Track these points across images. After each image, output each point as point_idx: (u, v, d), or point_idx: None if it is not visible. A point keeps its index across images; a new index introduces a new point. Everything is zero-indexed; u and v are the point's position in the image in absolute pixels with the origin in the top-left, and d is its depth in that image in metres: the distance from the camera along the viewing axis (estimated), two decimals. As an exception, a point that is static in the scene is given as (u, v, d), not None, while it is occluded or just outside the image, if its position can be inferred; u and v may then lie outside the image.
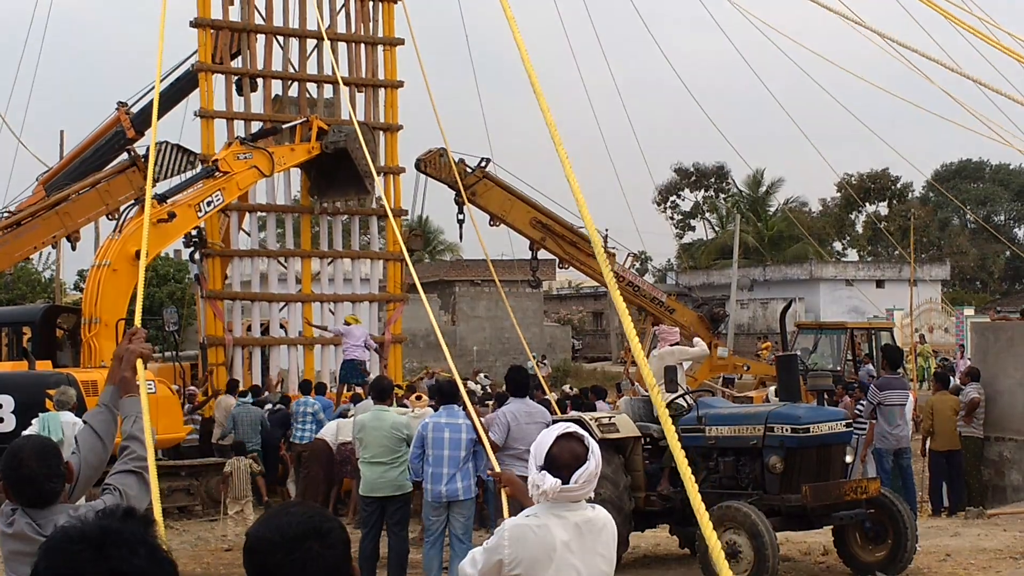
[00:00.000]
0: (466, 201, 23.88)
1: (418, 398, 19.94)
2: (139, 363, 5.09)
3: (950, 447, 17.41)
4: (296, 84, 24.74)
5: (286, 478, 19.77)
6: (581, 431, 4.59)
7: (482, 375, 30.88)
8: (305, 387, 20.22)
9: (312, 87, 24.92)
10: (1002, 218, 75.19)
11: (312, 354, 24.29)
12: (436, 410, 12.50)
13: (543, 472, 4.47)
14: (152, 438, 4.97)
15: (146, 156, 22.09)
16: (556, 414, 16.01)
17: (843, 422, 12.01)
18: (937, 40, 22.28)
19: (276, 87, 24.53)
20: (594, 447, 4.53)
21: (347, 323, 23.17)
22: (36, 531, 4.41)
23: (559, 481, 4.42)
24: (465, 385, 22.15)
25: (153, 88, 24.03)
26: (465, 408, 11.64)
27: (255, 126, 23.85)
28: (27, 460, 4.44)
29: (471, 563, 4.59)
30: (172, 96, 24.14)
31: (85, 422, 5.02)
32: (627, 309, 5.32)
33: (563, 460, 4.46)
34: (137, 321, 6.58)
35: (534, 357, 25.11)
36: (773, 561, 10.74)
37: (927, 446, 17.67)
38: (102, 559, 2.39)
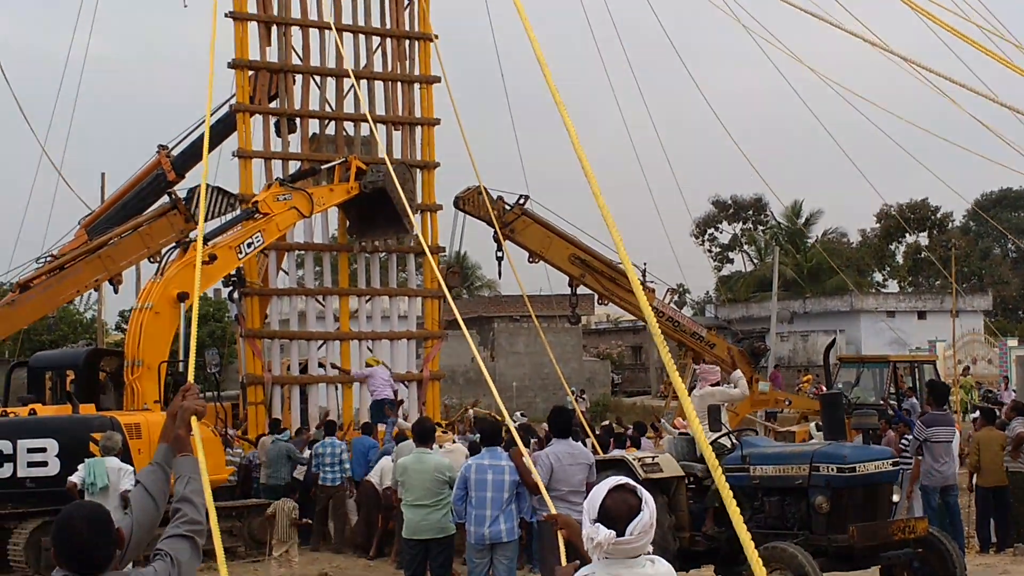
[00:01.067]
0: (504, 238, 23.75)
1: (444, 431, 19.92)
2: (193, 420, 5.03)
3: (997, 483, 17.17)
4: (334, 123, 24.90)
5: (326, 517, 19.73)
6: (633, 483, 4.55)
7: (518, 413, 30.71)
8: (330, 428, 20.12)
9: (349, 125, 25.05)
10: (1044, 247, 74.52)
11: (351, 392, 24.32)
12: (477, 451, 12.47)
13: (597, 525, 4.41)
14: (211, 495, 4.91)
15: (187, 199, 22.25)
16: (598, 453, 15.97)
17: (890, 461, 11.91)
18: (973, 69, 22.19)
19: (314, 126, 24.69)
20: (647, 498, 4.49)
21: (368, 365, 23.24)
22: None
23: (613, 533, 4.35)
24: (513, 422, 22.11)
25: (194, 131, 24.33)
26: (509, 448, 11.61)
27: (293, 165, 23.98)
28: (79, 528, 4.35)
29: None
30: (212, 138, 24.29)
31: (138, 482, 4.96)
32: (666, 344, 5.32)
33: (617, 512, 4.40)
34: (191, 375, 6.51)
35: (572, 392, 25.02)
36: (820, 604, 10.63)
37: (974, 481, 17.43)
38: None
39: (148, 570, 4.44)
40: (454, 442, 18.58)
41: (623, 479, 4.57)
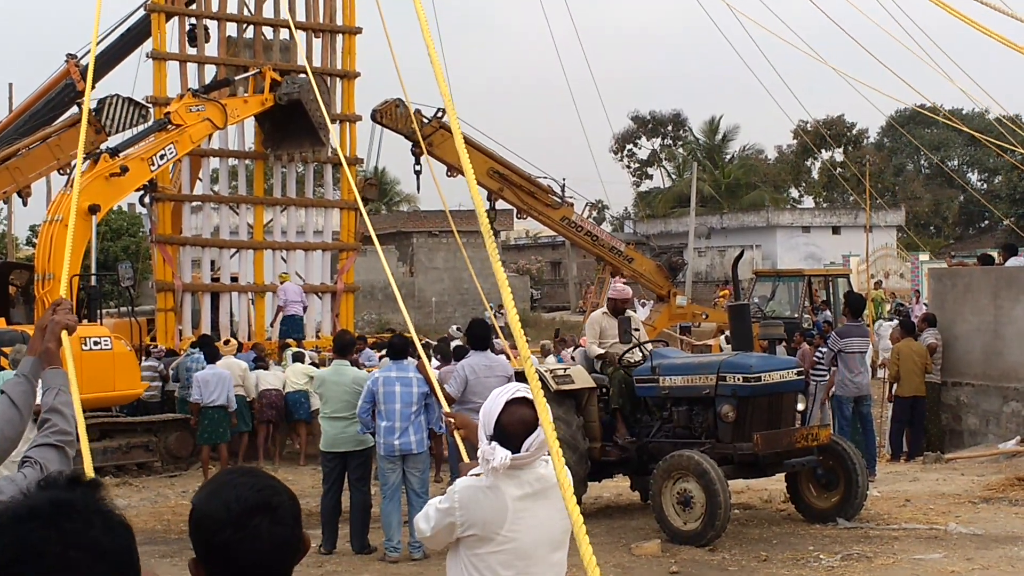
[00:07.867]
0: (426, 152, 23.53)
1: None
2: (64, 335, 4.97)
3: (915, 393, 17.52)
4: (251, 27, 24.41)
5: None
6: (530, 395, 4.51)
7: (455, 327, 30.59)
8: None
9: (268, 30, 24.59)
10: (956, 163, 75.48)
11: (263, 302, 24.17)
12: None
13: (493, 444, 4.40)
14: (80, 408, 4.82)
15: (97, 109, 21.75)
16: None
17: (794, 370, 12.09)
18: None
19: (231, 29, 24.16)
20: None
21: (281, 282, 23.20)
22: None
23: (508, 454, 4.35)
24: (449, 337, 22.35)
25: (104, 39, 23.74)
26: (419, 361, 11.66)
27: (208, 70, 23.54)
28: None
29: (424, 518, 4.53)
30: (124, 45, 23.79)
31: (2, 392, 4.89)
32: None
33: (513, 429, 4.40)
34: (62, 290, 6.43)
35: (491, 307, 24.98)
36: (725, 508, 10.85)
37: (893, 392, 17.78)
38: (56, 535, 2.22)
39: (18, 475, 4.38)
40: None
41: (520, 390, 4.54)
